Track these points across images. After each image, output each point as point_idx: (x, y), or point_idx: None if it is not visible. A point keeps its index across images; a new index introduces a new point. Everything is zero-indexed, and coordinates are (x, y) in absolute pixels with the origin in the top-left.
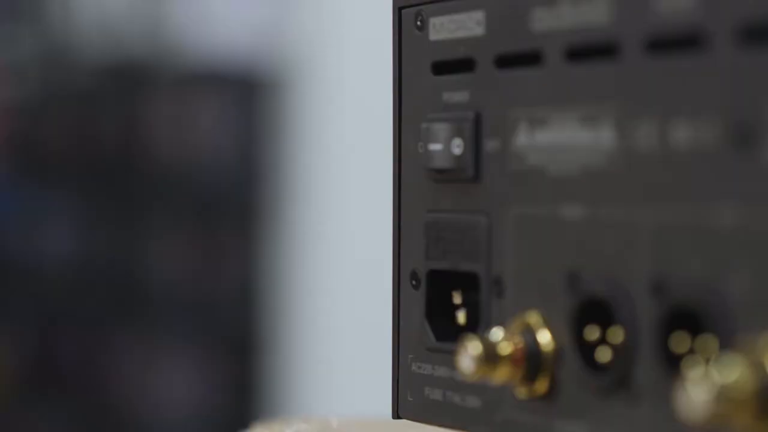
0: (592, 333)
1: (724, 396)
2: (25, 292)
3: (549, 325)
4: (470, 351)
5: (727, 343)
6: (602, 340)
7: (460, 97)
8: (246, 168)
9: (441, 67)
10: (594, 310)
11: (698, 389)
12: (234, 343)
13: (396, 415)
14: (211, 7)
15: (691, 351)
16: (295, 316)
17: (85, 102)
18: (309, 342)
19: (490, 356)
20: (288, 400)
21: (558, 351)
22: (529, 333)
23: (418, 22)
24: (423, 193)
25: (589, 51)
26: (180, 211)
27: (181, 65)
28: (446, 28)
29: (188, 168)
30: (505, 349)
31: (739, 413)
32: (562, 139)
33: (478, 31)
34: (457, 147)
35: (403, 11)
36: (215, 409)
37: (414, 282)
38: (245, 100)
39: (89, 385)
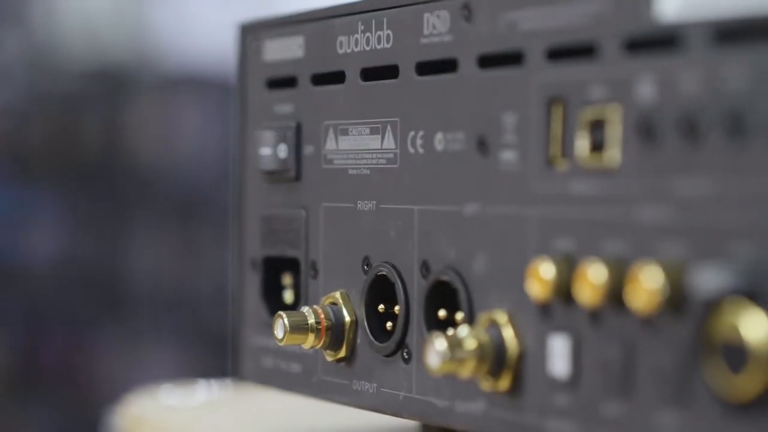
0: (381, 307)
1: (454, 354)
2: (10, 291)
3: (349, 301)
4: (282, 322)
5: (471, 313)
6: (388, 313)
7: (285, 109)
8: (226, 169)
9: (272, 83)
10: (381, 288)
11: (434, 349)
12: (215, 341)
13: (236, 378)
14: (193, 11)
15: (448, 319)
16: None
17: (68, 105)
18: None
19: (299, 328)
20: None
21: (355, 323)
22: (334, 308)
23: (256, 44)
24: (258, 192)
25: (376, 72)
26: (162, 212)
27: (163, 69)
28: (276, 49)
29: (170, 169)
30: (312, 321)
31: (464, 368)
32: (358, 145)
33: (299, 53)
34: (283, 152)
35: (244, 33)
36: None
37: (252, 267)
38: (226, 103)
39: (73, 382)
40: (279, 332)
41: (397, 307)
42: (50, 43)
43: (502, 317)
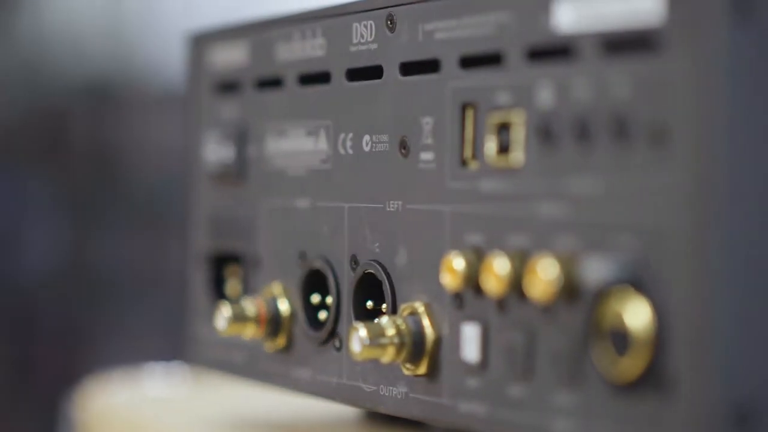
0: (315, 298)
1: (375, 341)
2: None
3: (287, 293)
4: (223, 314)
5: (394, 303)
6: (322, 304)
7: (232, 113)
8: None
9: (218, 89)
10: (316, 281)
11: (357, 336)
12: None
13: (188, 363)
14: (181, 27)
15: (375, 309)
16: None
17: (55, 119)
18: None
19: (240, 319)
20: None
21: (293, 313)
22: (273, 300)
23: (205, 51)
24: (206, 191)
25: (311, 78)
26: (149, 222)
27: (152, 84)
28: (223, 57)
29: (156, 181)
30: (251, 312)
31: (386, 354)
32: (295, 146)
33: (244, 60)
34: (228, 153)
35: (194, 41)
36: None
37: (200, 261)
38: None
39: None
40: (221, 323)
41: (329, 299)
42: (37, 58)
43: (420, 307)
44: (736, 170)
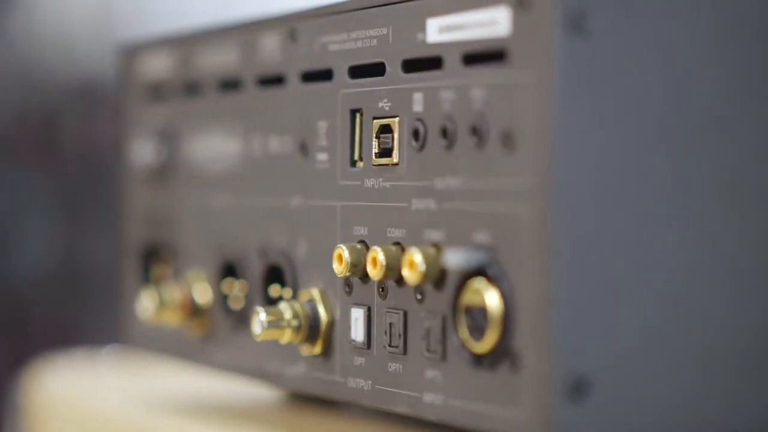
0: (229, 287)
1: (275, 324)
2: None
3: (208, 282)
4: (144, 302)
5: (296, 290)
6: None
7: (161, 118)
8: None
9: (148, 95)
10: (231, 272)
11: (257, 320)
12: None
13: (122, 346)
14: (172, 28)
15: (281, 296)
16: None
17: (48, 119)
18: None
19: (166, 307)
20: None
21: (213, 303)
22: (188, 290)
23: (134, 61)
24: (137, 189)
25: (228, 85)
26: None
27: None
28: (151, 66)
29: None
30: (173, 301)
31: (284, 335)
32: (216, 148)
33: (169, 69)
34: (158, 156)
35: (125, 52)
36: None
37: (132, 252)
38: None
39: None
40: (145, 310)
41: (242, 286)
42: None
43: (316, 293)
44: (572, 169)
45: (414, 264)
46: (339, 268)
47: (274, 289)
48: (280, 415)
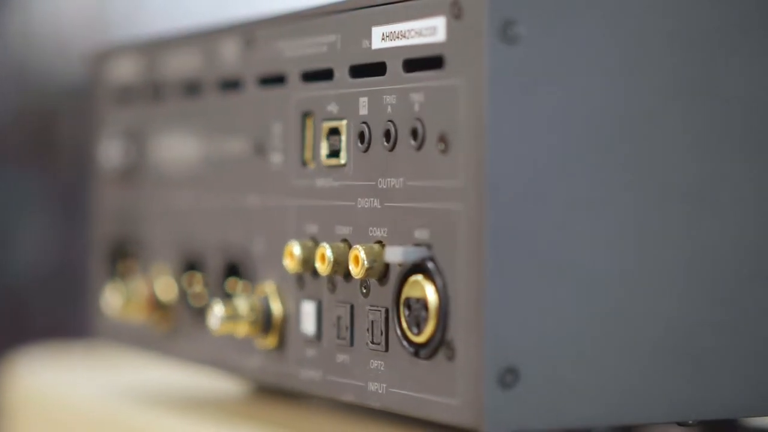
0: (190, 283)
1: (230, 318)
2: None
3: (173, 276)
4: (110, 298)
5: (253, 285)
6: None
7: (128, 122)
8: None
9: (118, 100)
10: (193, 268)
11: (213, 314)
12: None
13: (95, 336)
14: (166, 28)
15: (237, 292)
16: None
17: (44, 118)
18: None
19: (131, 300)
20: None
21: (176, 298)
22: (152, 286)
23: (104, 66)
24: (110, 190)
25: (190, 90)
26: None
27: None
28: (119, 71)
29: None
30: (139, 296)
31: (240, 329)
32: (180, 150)
33: (136, 74)
34: (126, 157)
35: (94, 58)
36: None
37: (103, 250)
38: None
39: None
40: (112, 306)
41: (198, 281)
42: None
43: (271, 288)
44: (503, 168)
45: (358, 259)
46: (290, 265)
47: (232, 285)
48: (245, 407)
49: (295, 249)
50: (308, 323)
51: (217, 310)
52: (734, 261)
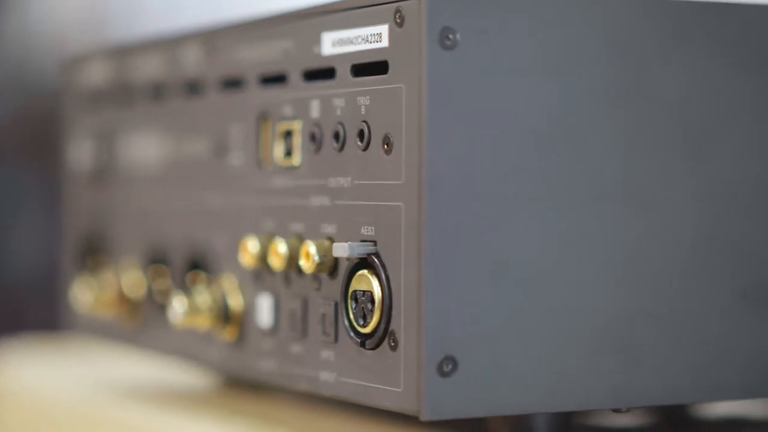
0: (156, 279)
1: (191, 312)
2: None
3: (134, 277)
4: (81, 294)
5: (214, 281)
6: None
7: (98, 123)
8: None
9: (87, 103)
10: (161, 263)
11: (173, 308)
12: None
13: (68, 329)
14: (164, 27)
15: (199, 287)
16: None
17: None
18: None
19: (100, 295)
20: None
21: (143, 293)
22: (119, 282)
23: (75, 72)
24: (80, 189)
25: (156, 94)
26: None
27: None
28: (90, 76)
29: None
30: (108, 292)
31: (200, 322)
32: (146, 152)
33: (107, 79)
34: (97, 158)
35: (66, 64)
36: None
37: (76, 248)
38: None
39: None
40: (83, 302)
41: (168, 278)
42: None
43: (231, 283)
44: (441, 168)
45: (309, 255)
46: (245, 260)
47: (195, 280)
48: (214, 398)
49: (250, 245)
50: (265, 316)
51: (177, 305)
52: (667, 256)
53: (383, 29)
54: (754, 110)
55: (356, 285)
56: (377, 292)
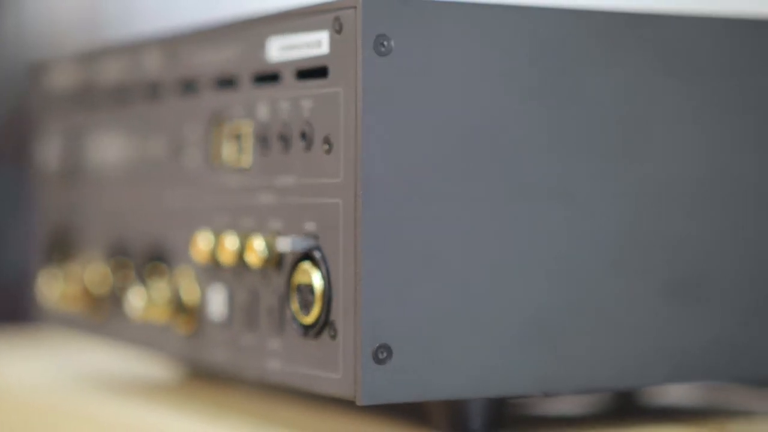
0: (117, 273)
1: (147, 305)
2: None
3: (99, 271)
4: (48, 288)
5: (171, 276)
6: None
7: (65, 125)
8: None
9: (55, 105)
10: (123, 258)
11: (129, 302)
12: None
13: (35, 321)
14: (158, 27)
15: (157, 282)
16: None
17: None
18: None
19: (66, 288)
20: None
21: (107, 287)
22: (83, 276)
23: (43, 76)
24: (49, 188)
25: (122, 97)
26: None
27: None
28: (57, 80)
29: None
30: (75, 284)
31: (158, 315)
32: (113, 153)
33: (73, 83)
34: (64, 158)
35: (33, 68)
36: None
37: (45, 243)
38: None
39: None
40: (52, 292)
41: (130, 273)
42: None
43: (186, 277)
44: (376, 167)
45: (255, 250)
46: (196, 255)
47: (153, 275)
48: (177, 388)
49: (201, 241)
50: (219, 309)
51: (133, 298)
52: (593, 250)
53: (324, 36)
54: (679, 114)
55: (299, 278)
56: (318, 285)
